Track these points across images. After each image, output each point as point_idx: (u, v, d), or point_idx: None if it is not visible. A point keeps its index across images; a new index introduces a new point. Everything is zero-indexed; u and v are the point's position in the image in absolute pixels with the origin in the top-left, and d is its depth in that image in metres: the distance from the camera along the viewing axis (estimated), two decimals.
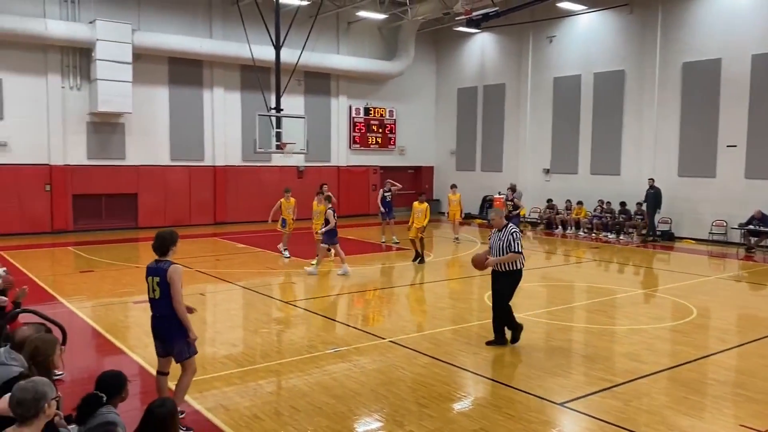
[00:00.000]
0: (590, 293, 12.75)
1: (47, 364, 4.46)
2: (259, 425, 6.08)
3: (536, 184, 25.15)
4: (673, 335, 9.56)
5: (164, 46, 21.55)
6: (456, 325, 9.91)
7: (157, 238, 5.92)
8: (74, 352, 8.02)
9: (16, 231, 19.57)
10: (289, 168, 24.80)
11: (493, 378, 7.51)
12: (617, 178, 22.35)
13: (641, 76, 21.62)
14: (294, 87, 23.21)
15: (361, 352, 8.40)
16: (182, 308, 5.81)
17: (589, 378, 7.50)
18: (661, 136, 21.17)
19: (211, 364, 7.87)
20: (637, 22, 21.73)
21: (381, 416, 6.38)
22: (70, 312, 10.51)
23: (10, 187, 19.75)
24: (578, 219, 22.51)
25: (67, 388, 6.57)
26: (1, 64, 19.49)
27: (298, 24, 19.91)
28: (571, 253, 18.75)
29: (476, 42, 27.48)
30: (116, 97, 20.24)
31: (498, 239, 8.50)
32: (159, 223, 20.65)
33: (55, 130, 20.42)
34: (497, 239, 8.51)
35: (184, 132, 22.84)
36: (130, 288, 12.33)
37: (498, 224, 8.66)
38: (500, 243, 8.45)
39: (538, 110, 25.07)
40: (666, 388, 7.27)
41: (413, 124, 28.82)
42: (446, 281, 14.18)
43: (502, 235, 8.48)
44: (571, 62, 23.74)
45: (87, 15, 20.37)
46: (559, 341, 9.10)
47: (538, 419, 6.25)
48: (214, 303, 11.85)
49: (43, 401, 3.61)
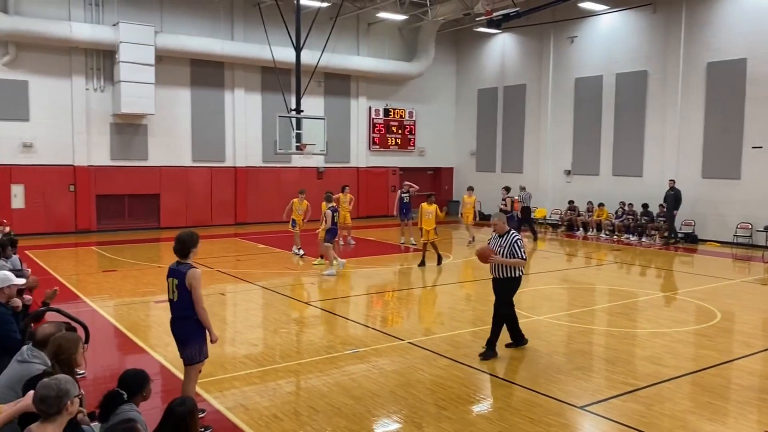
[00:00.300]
0: (611, 296, 12.61)
1: (70, 362, 4.51)
2: (278, 425, 6.11)
3: (557, 185, 24.97)
4: (696, 339, 9.43)
5: (186, 48, 21.78)
6: (475, 327, 9.87)
7: (178, 240, 5.92)
8: (96, 351, 8.11)
9: (41, 230, 19.89)
10: (309, 169, 24.90)
11: (513, 381, 7.46)
12: (639, 180, 22.11)
13: (664, 77, 21.35)
14: (314, 88, 23.30)
15: (379, 353, 8.40)
16: (204, 312, 5.83)
17: (610, 381, 7.42)
18: (685, 137, 20.90)
19: (231, 364, 7.92)
20: (660, 22, 21.47)
21: (399, 417, 6.37)
22: (93, 311, 10.65)
23: (36, 187, 20.09)
24: (600, 221, 22.30)
25: (89, 386, 6.65)
26: (28, 66, 19.83)
27: (319, 25, 19.99)
28: (592, 255, 18.57)
29: (497, 42, 27.36)
30: (139, 99, 20.50)
31: (499, 245, 8.22)
32: (181, 224, 20.88)
33: (80, 132, 20.73)
34: (498, 245, 8.24)
35: (205, 133, 23.05)
36: (151, 287, 12.46)
37: (500, 229, 8.33)
38: (502, 250, 8.17)
39: (559, 111, 24.89)
40: (689, 392, 7.17)
41: (433, 125, 28.77)
42: (465, 283, 14.12)
43: (503, 242, 8.19)
44: (593, 63, 23.53)
45: (111, 18, 20.66)
46: (580, 344, 9.02)
47: (558, 422, 6.20)
48: (234, 303, 11.93)
49: (66, 398, 3.67)
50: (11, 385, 4.54)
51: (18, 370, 4.63)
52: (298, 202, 16.56)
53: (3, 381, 4.68)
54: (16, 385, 4.46)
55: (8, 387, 4.56)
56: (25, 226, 19.37)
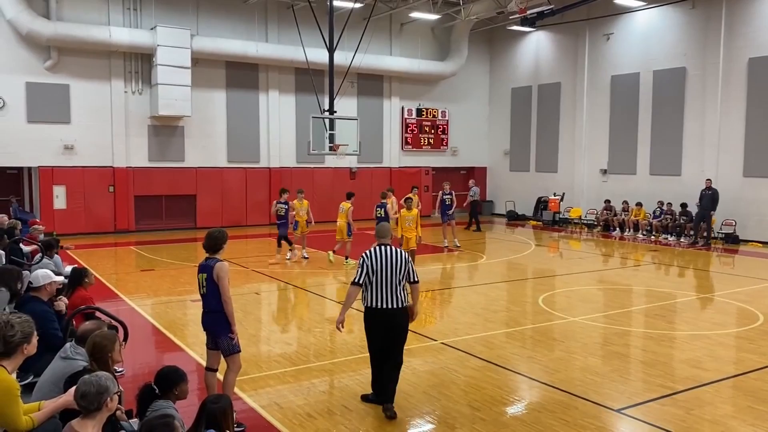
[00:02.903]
0: (649, 297, 12.38)
1: (107, 360, 4.61)
2: (312, 424, 6.15)
3: (593, 184, 24.61)
4: (737, 342, 9.20)
5: (221, 50, 22.09)
6: (509, 328, 9.79)
7: (208, 236, 6.16)
8: (135, 349, 8.28)
9: (82, 230, 20.39)
10: (342, 169, 25.02)
11: (548, 382, 7.36)
12: (677, 179, 21.64)
13: (703, 73, 20.87)
14: (347, 89, 23.39)
15: (413, 354, 8.38)
16: (230, 304, 5.96)
17: (647, 384, 7.28)
18: (725, 134, 20.38)
19: (266, 362, 8.01)
20: (699, 17, 20.98)
21: (432, 418, 6.35)
22: (132, 309, 10.87)
23: (76, 188, 20.59)
24: (637, 221, 21.90)
25: (127, 383, 6.78)
26: (69, 70, 20.34)
27: (352, 26, 20.05)
28: (629, 255, 18.26)
29: (531, 41, 27.08)
30: (176, 101, 20.87)
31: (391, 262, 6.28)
32: (216, 224, 21.13)
33: (118, 134, 21.19)
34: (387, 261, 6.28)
35: (240, 134, 23.34)
36: (188, 286, 12.66)
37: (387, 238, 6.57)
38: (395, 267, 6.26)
39: (594, 109, 24.52)
40: (730, 396, 7.00)
41: (466, 125, 28.62)
42: (500, 283, 14.00)
43: (397, 257, 6.34)
44: (630, 60, 23.12)
45: (148, 22, 21.07)
46: (616, 346, 8.87)
47: (594, 425, 6.11)
48: (268, 302, 12.05)
49: (106, 395, 3.75)
50: (55, 381, 4.67)
51: (62, 367, 4.76)
52: (298, 202, 16.07)
53: (47, 377, 4.82)
54: (59, 381, 4.59)
55: (52, 383, 4.69)
56: (66, 226, 19.92)
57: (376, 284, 6.26)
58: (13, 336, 4.19)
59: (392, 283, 6.28)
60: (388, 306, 6.28)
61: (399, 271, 6.31)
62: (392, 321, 6.33)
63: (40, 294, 6.43)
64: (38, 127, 19.90)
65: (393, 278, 6.28)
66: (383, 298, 6.27)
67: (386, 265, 6.27)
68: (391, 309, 6.28)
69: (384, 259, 6.29)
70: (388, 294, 6.28)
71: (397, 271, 6.30)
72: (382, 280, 6.25)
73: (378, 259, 6.28)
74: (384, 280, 6.25)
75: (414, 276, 6.44)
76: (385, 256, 6.32)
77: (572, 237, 22.18)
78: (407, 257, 6.45)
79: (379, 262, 6.27)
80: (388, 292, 6.27)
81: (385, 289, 6.27)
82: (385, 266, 6.26)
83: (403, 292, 6.39)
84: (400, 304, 6.34)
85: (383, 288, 6.27)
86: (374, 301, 6.30)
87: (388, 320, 6.32)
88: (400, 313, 6.36)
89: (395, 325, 6.37)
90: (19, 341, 4.22)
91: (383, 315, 6.30)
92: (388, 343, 6.41)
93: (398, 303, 6.32)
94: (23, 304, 6.21)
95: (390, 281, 6.27)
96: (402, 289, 6.37)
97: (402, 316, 6.38)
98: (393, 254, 6.36)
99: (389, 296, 6.27)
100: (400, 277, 6.32)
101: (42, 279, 6.49)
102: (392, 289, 6.29)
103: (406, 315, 6.42)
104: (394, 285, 6.30)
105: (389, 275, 6.26)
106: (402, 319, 6.40)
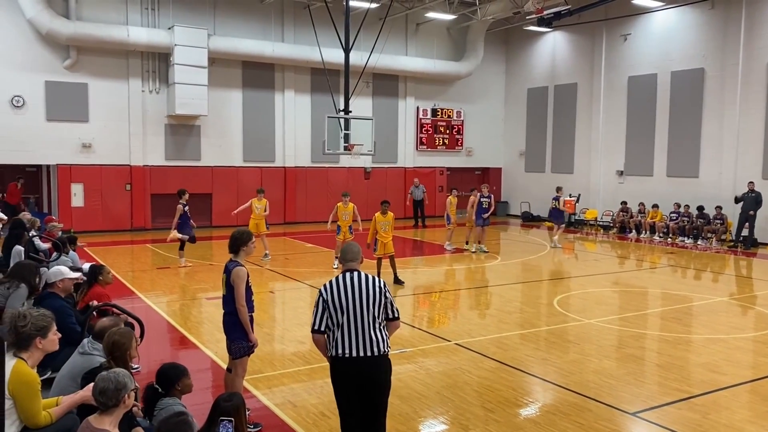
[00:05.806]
0: (665, 300, 12.27)
1: (124, 357, 4.66)
2: (325, 423, 6.16)
3: (609, 186, 24.44)
4: (755, 346, 9.09)
5: (238, 50, 22.20)
6: (524, 329, 9.75)
7: (231, 236, 6.08)
8: (150, 346, 8.35)
9: (99, 228, 20.59)
10: (356, 169, 25.04)
11: (562, 385, 7.33)
12: (695, 181, 21.43)
13: (722, 75, 20.64)
14: (362, 89, 23.38)
15: (426, 354, 8.38)
16: (243, 310, 5.87)
17: (663, 388, 7.22)
18: (744, 136, 20.15)
19: (280, 361, 8.04)
20: (718, 18, 20.76)
21: (446, 419, 6.34)
22: (148, 307, 10.96)
23: (94, 186, 20.80)
24: (653, 223, 21.72)
25: (143, 380, 6.82)
26: (87, 69, 20.54)
27: (368, 26, 20.06)
28: (645, 258, 18.11)
29: (547, 41, 26.95)
30: (193, 100, 21.02)
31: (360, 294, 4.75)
32: (232, 222, 21.18)
33: (135, 132, 21.37)
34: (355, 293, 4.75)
35: (256, 134, 23.44)
36: (203, 285, 12.74)
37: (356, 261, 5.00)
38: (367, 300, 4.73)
39: (611, 110, 24.35)
40: (748, 401, 6.92)
41: (481, 125, 28.53)
42: (514, 284, 13.94)
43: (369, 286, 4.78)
44: (647, 61, 22.93)
45: (166, 21, 21.23)
46: (632, 349, 8.80)
47: (608, 428, 6.07)
48: (283, 301, 12.10)
49: (124, 392, 3.80)
50: (73, 376, 4.74)
51: (80, 362, 4.82)
52: (343, 206, 14.60)
53: (66, 371, 4.89)
54: (77, 377, 4.65)
55: (71, 378, 4.75)
56: (83, 223, 20.14)
57: (344, 325, 4.70)
58: (24, 327, 4.24)
59: (364, 321, 4.70)
60: (359, 353, 4.66)
61: (373, 305, 4.73)
62: (366, 374, 4.70)
63: (55, 290, 6.52)
64: (57, 125, 20.13)
65: (365, 315, 4.70)
66: (352, 342, 4.67)
67: (355, 298, 4.72)
68: (364, 357, 4.67)
69: (351, 291, 4.74)
70: (359, 337, 4.68)
71: (371, 305, 4.73)
72: (351, 318, 4.69)
73: (343, 292, 4.75)
74: (353, 319, 4.69)
75: (393, 311, 4.87)
76: (352, 287, 4.75)
77: (587, 239, 22.04)
78: (383, 286, 4.84)
79: (344, 296, 4.73)
80: (359, 335, 4.68)
81: (355, 331, 4.68)
82: (353, 300, 4.71)
83: (382, 332, 4.77)
84: (376, 351, 4.69)
85: (352, 329, 4.68)
86: (340, 348, 4.69)
87: (360, 373, 4.70)
88: (377, 362, 4.71)
89: (371, 381, 4.74)
90: (30, 333, 4.25)
91: (354, 366, 4.68)
92: (364, 405, 4.77)
93: (374, 349, 4.68)
94: (41, 301, 6.30)
95: (361, 320, 4.69)
96: (379, 329, 4.75)
97: (380, 367, 4.76)
98: (363, 283, 4.78)
99: (361, 340, 4.67)
100: (375, 312, 4.73)
101: (53, 276, 6.58)
102: (364, 330, 4.69)
103: (385, 365, 4.81)
104: (367, 324, 4.70)
105: (360, 312, 4.70)
106: (380, 372, 4.77)
